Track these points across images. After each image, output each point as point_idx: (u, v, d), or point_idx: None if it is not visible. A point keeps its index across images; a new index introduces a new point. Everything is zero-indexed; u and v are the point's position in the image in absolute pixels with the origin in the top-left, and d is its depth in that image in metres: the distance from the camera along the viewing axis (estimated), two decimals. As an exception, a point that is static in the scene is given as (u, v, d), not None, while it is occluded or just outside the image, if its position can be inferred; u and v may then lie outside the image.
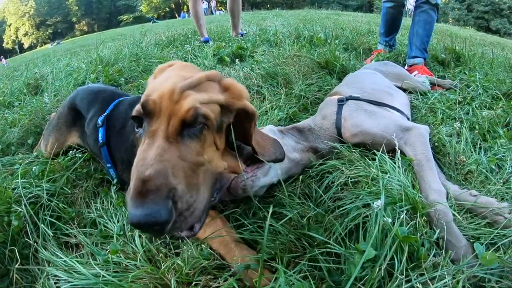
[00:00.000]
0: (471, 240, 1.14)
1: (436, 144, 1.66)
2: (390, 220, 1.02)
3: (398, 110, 1.80)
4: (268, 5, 41.19)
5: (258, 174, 1.36)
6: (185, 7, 51.36)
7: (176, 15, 50.29)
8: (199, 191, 0.96)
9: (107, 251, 1.21)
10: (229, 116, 1.16)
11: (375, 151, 1.47)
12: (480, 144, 1.71)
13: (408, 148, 1.46)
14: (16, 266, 1.23)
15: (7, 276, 1.31)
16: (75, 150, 1.87)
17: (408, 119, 1.86)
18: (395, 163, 1.33)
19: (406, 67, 3.28)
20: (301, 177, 1.51)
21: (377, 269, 0.92)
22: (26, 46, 67.31)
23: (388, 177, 1.26)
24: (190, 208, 0.90)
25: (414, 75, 2.96)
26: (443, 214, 1.16)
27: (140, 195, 0.83)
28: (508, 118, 1.94)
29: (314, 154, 1.61)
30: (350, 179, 1.38)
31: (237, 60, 3.46)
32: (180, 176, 0.90)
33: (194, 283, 1.04)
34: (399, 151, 1.36)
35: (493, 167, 1.54)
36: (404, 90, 2.40)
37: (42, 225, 1.38)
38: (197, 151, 1.00)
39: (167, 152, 0.93)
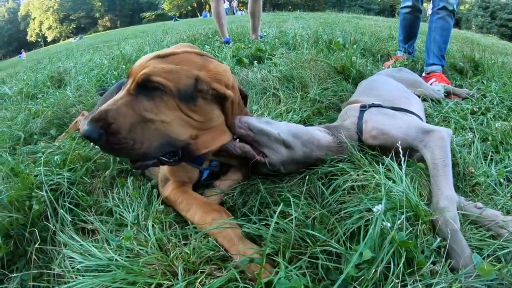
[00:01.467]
0: (474, 250, 1.13)
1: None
2: (389, 224, 1.03)
3: (416, 115, 1.80)
4: (290, 7, 41.10)
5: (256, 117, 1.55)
6: (207, 6, 51.46)
7: (198, 14, 50.44)
8: (141, 140, 1.24)
9: (120, 238, 1.27)
10: (206, 93, 1.35)
11: (384, 157, 1.45)
12: (491, 156, 1.69)
13: (427, 151, 1.45)
14: (36, 246, 1.30)
15: (25, 256, 1.39)
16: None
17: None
18: (402, 169, 1.31)
19: (423, 74, 3.26)
20: (309, 176, 1.53)
21: (373, 270, 0.95)
22: (49, 39, 68.23)
23: (392, 183, 1.27)
24: (123, 145, 1.20)
25: (432, 83, 2.98)
26: (451, 222, 1.15)
27: (91, 120, 1.18)
28: (522, 130, 1.89)
29: (331, 137, 1.62)
30: (357, 183, 1.40)
31: (255, 62, 3.51)
32: (120, 120, 1.20)
33: (199, 271, 1.09)
34: (405, 158, 1.33)
35: (502, 180, 1.51)
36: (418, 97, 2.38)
37: (61, 210, 1.44)
38: (148, 108, 1.25)
39: (121, 100, 1.24)
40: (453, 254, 1.10)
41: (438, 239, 1.11)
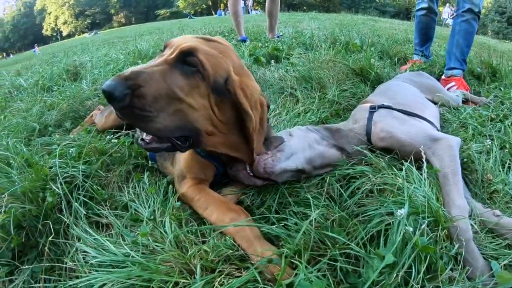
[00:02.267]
0: (489, 259, 1.12)
1: (465, 160, 1.61)
2: (411, 229, 1.02)
3: (428, 121, 1.78)
4: (305, 7, 41.09)
5: (278, 155, 1.46)
6: (222, 4, 51.58)
7: (213, 12, 50.63)
8: (162, 114, 1.15)
9: (136, 233, 1.25)
10: (231, 94, 1.28)
11: (403, 161, 1.45)
12: (509, 164, 1.66)
13: (435, 159, 1.44)
14: (50, 239, 1.28)
15: (36, 248, 1.37)
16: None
17: (438, 131, 1.82)
18: (421, 174, 1.31)
19: (443, 77, 3.19)
20: (328, 178, 1.51)
21: (395, 275, 0.93)
22: (64, 34, 69.00)
23: (414, 187, 1.25)
24: (145, 112, 1.11)
25: (451, 87, 2.93)
26: (463, 231, 1.14)
27: (118, 76, 1.09)
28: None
29: (340, 152, 1.61)
30: (376, 186, 1.38)
31: (272, 61, 3.49)
32: (151, 85, 1.12)
33: (218, 270, 1.06)
34: (425, 162, 1.33)
35: (520, 188, 1.48)
36: (435, 103, 2.35)
37: (75, 203, 1.43)
38: (180, 85, 1.18)
39: (157, 67, 1.16)
40: (466, 263, 1.09)
41: (456, 246, 1.09)
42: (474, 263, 1.08)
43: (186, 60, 1.19)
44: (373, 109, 1.74)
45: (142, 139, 1.27)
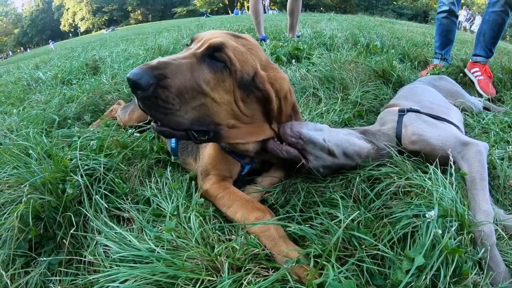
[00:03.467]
0: (511, 266, 1.12)
1: (487, 166, 1.58)
2: (440, 231, 1.01)
3: (455, 125, 1.77)
4: (322, 8, 40.99)
5: (305, 122, 1.54)
6: (238, 4, 51.74)
7: (229, 11, 50.80)
8: (184, 108, 1.15)
9: (159, 228, 1.23)
10: (258, 90, 1.30)
11: (428, 164, 1.44)
12: None
13: (464, 163, 1.43)
14: (71, 231, 1.26)
15: (53, 240, 1.35)
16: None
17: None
18: (447, 177, 1.30)
19: (470, 60, 3.29)
20: (352, 179, 1.49)
21: (423, 277, 0.93)
22: (82, 30, 69.87)
23: (442, 190, 1.24)
24: (168, 104, 1.11)
25: (474, 72, 3.15)
26: (487, 236, 1.13)
27: (145, 65, 1.09)
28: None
29: (370, 145, 1.60)
30: (401, 188, 1.37)
31: (293, 60, 3.48)
32: (177, 77, 1.11)
33: (246, 268, 1.04)
34: (453, 166, 1.33)
35: (542, 194, 1.46)
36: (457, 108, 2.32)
37: (96, 196, 1.41)
38: (207, 79, 1.18)
39: (184, 60, 1.16)
40: (488, 269, 1.09)
41: (482, 250, 1.09)
42: (496, 269, 1.08)
43: (214, 55, 1.19)
44: (402, 112, 1.73)
45: (156, 121, 1.23)
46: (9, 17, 75.89)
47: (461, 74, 3.28)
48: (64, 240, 1.29)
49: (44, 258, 1.25)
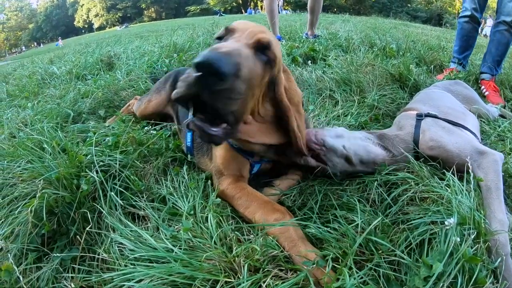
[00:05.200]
0: None
1: (503, 174, 1.55)
2: (459, 239, 1.01)
3: (471, 132, 1.76)
4: (335, 9, 40.87)
5: (327, 129, 1.60)
6: (252, 3, 51.74)
7: (243, 10, 50.85)
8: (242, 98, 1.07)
9: (175, 228, 1.21)
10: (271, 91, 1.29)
11: (445, 171, 1.44)
12: None
13: (480, 172, 1.43)
14: (87, 228, 1.25)
15: (66, 235, 1.34)
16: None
17: (480, 142, 1.80)
18: (464, 185, 1.30)
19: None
20: (370, 183, 1.49)
21: (441, 284, 0.92)
22: (96, 26, 70.42)
23: (460, 198, 1.23)
24: (237, 95, 1.03)
25: (481, 88, 3.21)
26: (502, 246, 1.13)
27: (214, 49, 0.98)
28: None
29: (386, 152, 1.61)
30: (418, 194, 1.36)
31: (309, 61, 3.47)
32: (247, 69, 1.04)
33: (264, 270, 1.03)
34: (472, 174, 1.32)
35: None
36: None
37: (111, 192, 1.39)
38: (260, 74, 1.15)
39: (245, 49, 1.09)
40: (503, 278, 1.08)
41: (498, 259, 1.08)
42: (509, 279, 1.07)
43: (264, 51, 1.17)
44: (420, 117, 1.72)
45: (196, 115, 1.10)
46: (24, 12, 76.67)
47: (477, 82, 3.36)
48: (77, 236, 1.29)
49: (57, 254, 1.24)
